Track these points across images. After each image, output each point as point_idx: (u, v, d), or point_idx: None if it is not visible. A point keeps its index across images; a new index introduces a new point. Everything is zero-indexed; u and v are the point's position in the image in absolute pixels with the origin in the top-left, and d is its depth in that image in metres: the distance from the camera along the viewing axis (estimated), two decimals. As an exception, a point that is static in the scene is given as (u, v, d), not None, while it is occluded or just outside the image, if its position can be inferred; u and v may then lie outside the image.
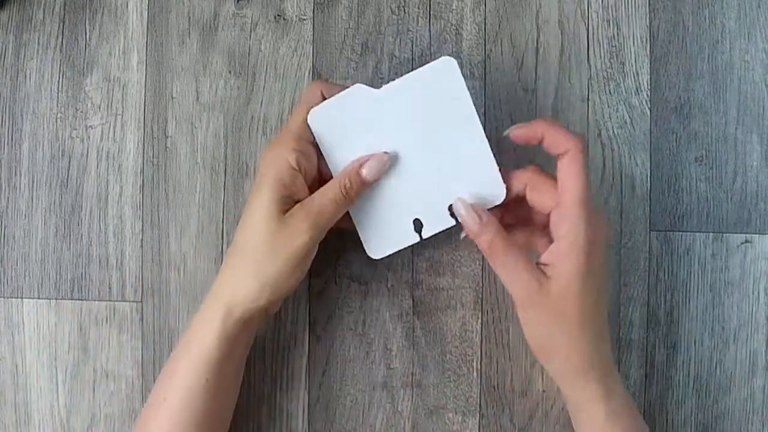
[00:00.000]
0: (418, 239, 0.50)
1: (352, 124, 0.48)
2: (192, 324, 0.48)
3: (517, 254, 0.46)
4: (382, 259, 0.50)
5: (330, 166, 0.49)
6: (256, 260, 0.46)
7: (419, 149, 0.48)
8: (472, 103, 0.47)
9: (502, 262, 0.46)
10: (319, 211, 0.46)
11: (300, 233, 0.46)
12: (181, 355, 0.47)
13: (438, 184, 0.49)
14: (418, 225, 0.49)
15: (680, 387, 0.55)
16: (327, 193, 0.47)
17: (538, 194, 0.47)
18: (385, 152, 0.48)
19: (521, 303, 0.46)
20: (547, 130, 0.46)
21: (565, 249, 0.45)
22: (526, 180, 0.48)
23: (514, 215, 0.50)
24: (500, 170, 0.48)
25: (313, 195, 0.47)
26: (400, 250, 0.50)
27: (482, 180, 0.48)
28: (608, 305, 0.49)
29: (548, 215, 0.47)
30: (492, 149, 0.48)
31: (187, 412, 0.46)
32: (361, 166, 0.48)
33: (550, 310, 0.45)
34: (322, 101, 0.48)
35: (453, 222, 0.49)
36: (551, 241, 0.46)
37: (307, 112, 0.48)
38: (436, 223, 0.49)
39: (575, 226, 0.45)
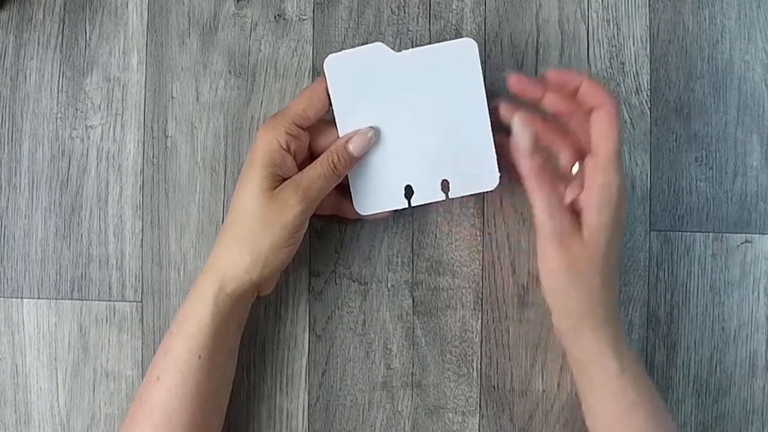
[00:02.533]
0: (406, 205, 0.50)
1: (365, 78, 0.49)
2: (185, 301, 0.48)
3: (561, 189, 0.46)
4: (367, 216, 0.51)
5: (336, 116, 0.49)
6: (248, 236, 0.47)
7: (424, 120, 0.49)
8: (483, 88, 0.48)
9: (545, 193, 0.46)
10: (308, 186, 0.47)
11: (290, 207, 0.46)
12: (175, 333, 0.48)
13: (436, 158, 0.50)
14: (409, 191, 0.50)
15: (680, 387, 0.55)
16: (316, 168, 0.47)
17: (598, 124, 0.46)
18: (370, 127, 0.49)
19: (551, 240, 0.46)
20: (586, 80, 0.47)
21: (599, 201, 0.45)
22: (598, 103, 0.47)
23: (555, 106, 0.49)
24: (497, 159, 0.49)
25: (303, 170, 0.48)
26: (386, 212, 0.51)
27: (478, 164, 0.49)
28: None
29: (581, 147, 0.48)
30: (494, 137, 0.49)
31: (180, 388, 0.47)
32: (347, 141, 0.48)
33: (576, 255, 0.45)
34: (325, 101, 0.49)
35: (443, 197, 0.50)
36: (582, 184, 0.46)
37: (308, 101, 0.48)
38: (426, 194, 0.50)
39: (611, 179, 0.45)
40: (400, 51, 0.49)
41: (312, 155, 0.50)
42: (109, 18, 0.55)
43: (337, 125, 0.49)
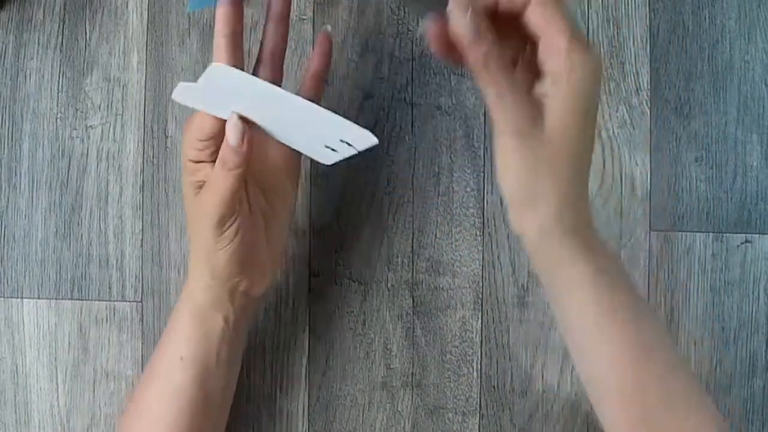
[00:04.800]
0: (354, 151, 0.46)
1: (222, 97, 0.45)
2: (168, 323, 0.48)
3: (513, 75, 0.38)
4: (335, 164, 0.47)
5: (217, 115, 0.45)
6: (192, 241, 0.46)
7: (294, 123, 0.45)
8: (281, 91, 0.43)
9: (497, 86, 0.38)
10: (216, 188, 0.44)
11: (205, 213, 0.44)
12: (160, 357, 0.48)
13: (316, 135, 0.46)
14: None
15: (680, 387, 0.55)
16: (215, 177, 0.44)
17: (542, 20, 0.39)
18: (232, 111, 0.44)
19: (510, 139, 0.39)
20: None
21: (567, 93, 0.38)
22: None
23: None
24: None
25: (213, 171, 0.45)
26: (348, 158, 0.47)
27: (351, 136, 0.45)
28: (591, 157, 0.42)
29: (530, 44, 0.40)
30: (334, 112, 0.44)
31: (170, 417, 0.46)
32: (226, 138, 0.44)
33: (542, 157, 0.39)
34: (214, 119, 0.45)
35: (355, 151, 0.45)
36: (535, 75, 0.40)
37: (203, 127, 0.45)
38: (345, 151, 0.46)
39: (580, 66, 0.38)
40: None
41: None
42: (109, 18, 0.55)
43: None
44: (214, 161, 0.44)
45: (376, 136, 0.42)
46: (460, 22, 0.38)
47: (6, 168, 0.55)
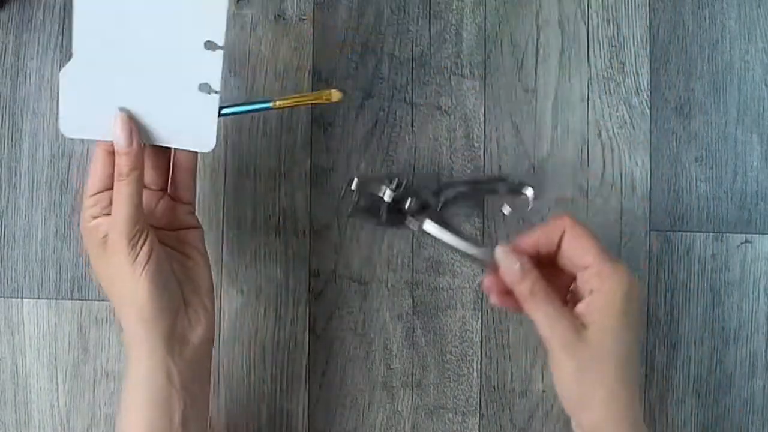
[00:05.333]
0: (217, 95, 0.46)
1: (90, 99, 0.46)
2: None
3: (557, 301, 0.45)
4: (216, 144, 0.47)
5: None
6: (117, 303, 0.46)
7: (143, 41, 0.45)
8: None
9: (543, 310, 0.45)
10: (114, 217, 0.44)
11: (114, 247, 0.44)
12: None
13: (181, 43, 0.46)
14: (206, 87, 0.46)
15: (680, 387, 0.55)
16: (115, 195, 0.45)
17: (574, 243, 0.46)
18: (119, 109, 0.45)
19: (559, 350, 0.45)
20: (539, 235, 0.46)
21: (602, 301, 0.44)
22: (563, 228, 0.46)
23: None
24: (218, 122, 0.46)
25: (114, 193, 0.46)
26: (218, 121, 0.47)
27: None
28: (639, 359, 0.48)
29: (572, 278, 0.47)
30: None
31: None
32: (115, 146, 0.45)
33: (588, 360, 0.44)
34: (102, 159, 0.46)
35: (221, 51, 0.45)
36: (577, 300, 0.46)
37: (91, 174, 0.46)
38: (213, 69, 0.46)
39: (610, 278, 0.44)
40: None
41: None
42: (109, 18, 0.55)
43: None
44: (108, 215, 0.45)
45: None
46: (506, 266, 0.46)
47: (6, 168, 0.55)
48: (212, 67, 0.46)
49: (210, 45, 0.46)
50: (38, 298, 0.55)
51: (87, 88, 0.46)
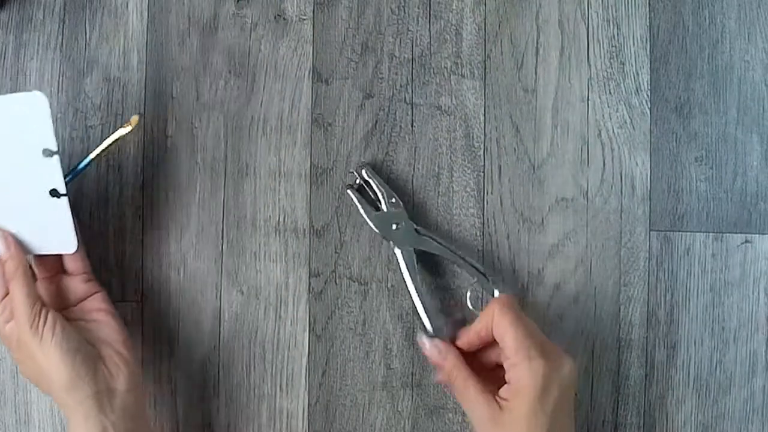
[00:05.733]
0: (66, 197, 0.48)
1: None
2: None
3: (475, 384, 0.48)
4: (78, 244, 0.49)
5: None
6: (40, 381, 0.48)
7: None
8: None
9: (460, 391, 0.49)
10: (17, 310, 0.47)
11: (21, 328, 0.47)
12: None
13: (17, 156, 0.47)
14: (54, 192, 0.48)
15: (680, 387, 0.55)
16: (11, 293, 0.48)
17: (498, 331, 0.49)
18: None
19: (478, 425, 0.48)
20: (480, 322, 0.50)
21: (514, 390, 0.47)
22: (492, 315, 0.49)
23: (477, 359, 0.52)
24: (74, 222, 0.48)
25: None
26: (73, 220, 0.49)
27: (22, 111, 0.47)
28: None
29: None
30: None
31: None
32: None
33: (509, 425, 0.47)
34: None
35: (57, 156, 0.47)
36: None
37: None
38: (54, 174, 0.48)
39: (520, 370, 0.47)
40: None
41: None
42: (109, 18, 0.55)
43: None
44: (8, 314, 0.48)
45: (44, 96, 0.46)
46: (430, 351, 0.51)
47: (6, 168, 0.55)
48: (55, 172, 0.48)
49: (47, 152, 0.47)
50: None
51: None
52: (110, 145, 0.50)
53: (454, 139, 0.56)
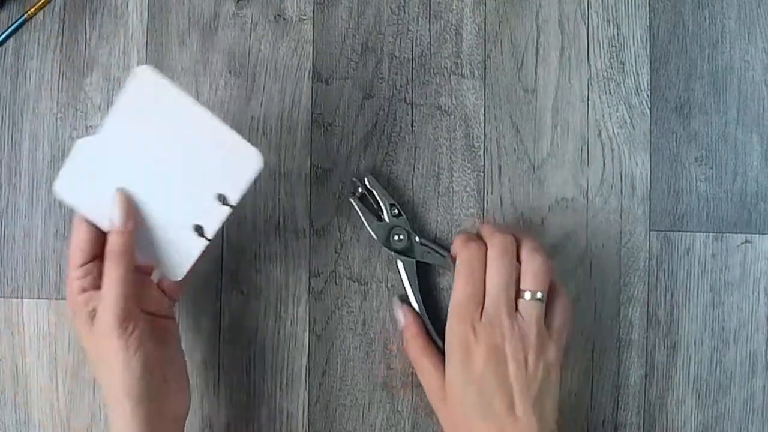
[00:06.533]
0: (207, 242, 0.48)
1: (95, 175, 0.47)
2: None
3: (430, 355, 0.50)
4: (185, 277, 0.49)
5: (100, 226, 0.48)
6: (104, 382, 0.47)
7: (167, 162, 0.47)
8: (185, 94, 0.46)
9: (415, 360, 0.51)
10: (106, 296, 0.45)
11: (105, 327, 0.45)
12: None
13: (198, 183, 0.47)
14: (200, 230, 0.48)
15: (680, 387, 0.55)
16: (105, 275, 0.46)
17: None
18: (118, 190, 0.47)
19: (430, 399, 0.50)
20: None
21: (447, 357, 0.48)
22: None
23: None
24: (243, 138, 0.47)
25: (105, 270, 0.46)
26: (197, 260, 0.49)
27: (234, 156, 0.47)
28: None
29: None
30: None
31: None
32: (111, 225, 0.46)
33: (447, 412, 0.49)
34: (86, 229, 0.47)
35: (227, 209, 0.48)
36: None
37: (75, 240, 0.47)
38: (214, 220, 0.48)
39: (448, 334, 0.48)
40: (97, 128, 0.47)
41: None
42: (109, 18, 0.55)
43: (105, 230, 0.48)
44: (98, 288, 0.46)
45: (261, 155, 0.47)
46: (397, 314, 0.53)
47: (6, 168, 0.55)
48: (214, 218, 0.48)
49: (222, 198, 0.47)
50: (38, 298, 0.55)
51: (97, 169, 0.47)
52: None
53: (454, 139, 0.56)
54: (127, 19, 0.55)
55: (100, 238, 0.47)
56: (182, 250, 0.48)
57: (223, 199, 0.47)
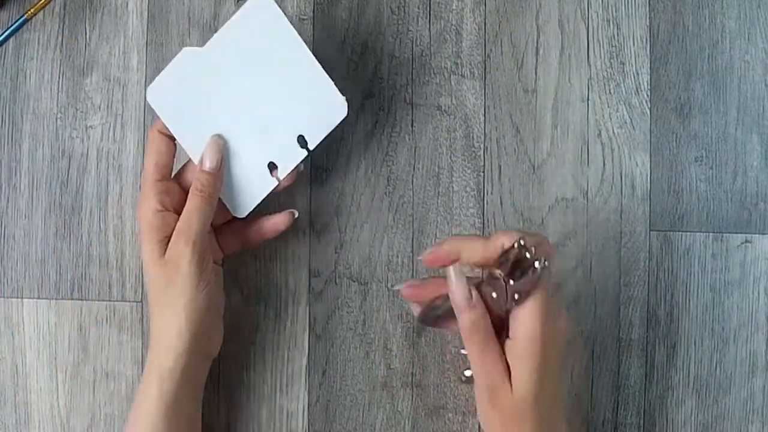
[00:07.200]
0: (276, 183, 0.49)
1: (189, 88, 0.48)
2: (136, 397, 0.48)
3: (495, 343, 0.43)
4: (248, 215, 0.50)
5: (182, 144, 0.49)
6: (163, 309, 0.47)
7: (257, 92, 0.48)
8: (294, 30, 0.47)
9: (480, 347, 0.43)
10: (186, 227, 0.46)
11: (181, 256, 0.46)
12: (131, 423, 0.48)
13: (283, 119, 0.49)
14: (272, 167, 0.49)
15: (680, 387, 0.55)
16: (187, 206, 0.47)
17: None
18: (213, 135, 0.48)
19: (482, 395, 0.44)
20: (462, 244, 0.44)
21: (519, 352, 0.43)
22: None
23: None
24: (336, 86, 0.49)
25: (189, 204, 0.47)
26: (263, 200, 0.50)
27: (322, 102, 0.48)
28: (564, 401, 0.47)
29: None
30: (325, 69, 0.48)
31: None
32: (201, 164, 0.48)
33: (506, 409, 0.44)
34: (167, 142, 0.48)
35: (304, 152, 0.49)
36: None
37: (155, 153, 0.48)
38: (288, 161, 0.49)
39: (528, 328, 0.42)
40: (205, 43, 0.48)
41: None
42: (109, 18, 0.55)
43: (187, 151, 0.49)
44: (176, 212, 0.47)
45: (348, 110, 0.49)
46: (458, 289, 0.43)
47: (6, 168, 0.55)
48: (289, 159, 0.49)
49: (302, 141, 0.49)
50: (38, 298, 0.55)
51: (192, 83, 0.48)
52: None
53: (454, 139, 0.56)
54: (127, 19, 0.55)
55: (173, 153, 0.48)
56: (251, 188, 0.49)
57: (302, 142, 0.49)
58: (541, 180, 0.56)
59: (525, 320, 0.42)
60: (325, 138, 0.49)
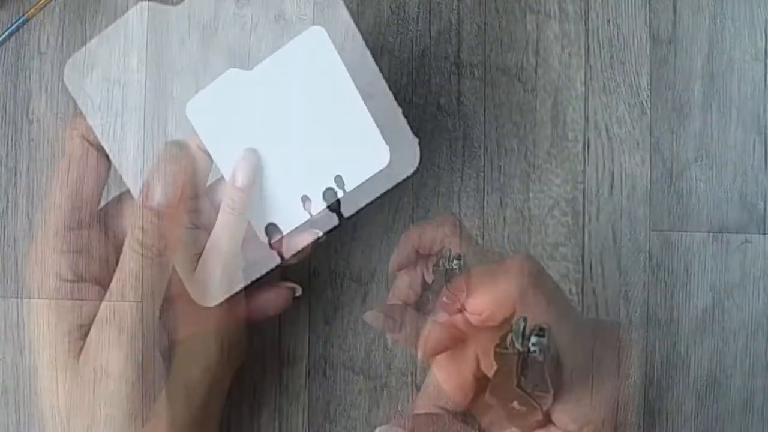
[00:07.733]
0: (308, 216, 0.48)
1: (230, 109, 0.47)
2: (156, 410, 0.48)
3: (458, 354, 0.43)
4: (275, 242, 0.49)
5: (216, 161, 0.47)
6: (190, 323, 0.47)
7: (299, 123, 0.47)
8: (345, 69, 0.46)
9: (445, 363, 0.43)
10: (219, 243, 0.45)
11: (209, 275, 0.45)
12: None
13: (321, 157, 0.47)
14: (306, 202, 0.48)
15: (680, 387, 0.55)
16: (218, 224, 0.46)
17: None
18: (249, 149, 0.47)
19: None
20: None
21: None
22: None
23: None
24: (381, 133, 0.47)
25: (220, 220, 0.46)
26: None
27: (365, 146, 0.47)
28: None
29: None
30: (371, 114, 0.47)
31: None
32: (233, 180, 0.46)
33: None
34: (206, 160, 0.47)
35: (341, 193, 0.47)
36: None
37: (185, 173, 0.46)
38: (320, 197, 0.48)
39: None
40: (252, 68, 0.47)
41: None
42: (109, 18, 0.55)
43: (220, 168, 0.47)
44: (204, 228, 0.46)
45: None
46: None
47: (6, 168, 0.55)
48: (322, 195, 0.47)
49: (338, 180, 0.47)
50: (38, 297, 0.55)
51: (233, 104, 0.47)
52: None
53: (454, 139, 0.56)
54: (127, 19, 0.55)
55: (209, 171, 0.47)
56: (282, 217, 0.48)
57: (339, 183, 0.47)
58: (541, 180, 0.56)
59: None
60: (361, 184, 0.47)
